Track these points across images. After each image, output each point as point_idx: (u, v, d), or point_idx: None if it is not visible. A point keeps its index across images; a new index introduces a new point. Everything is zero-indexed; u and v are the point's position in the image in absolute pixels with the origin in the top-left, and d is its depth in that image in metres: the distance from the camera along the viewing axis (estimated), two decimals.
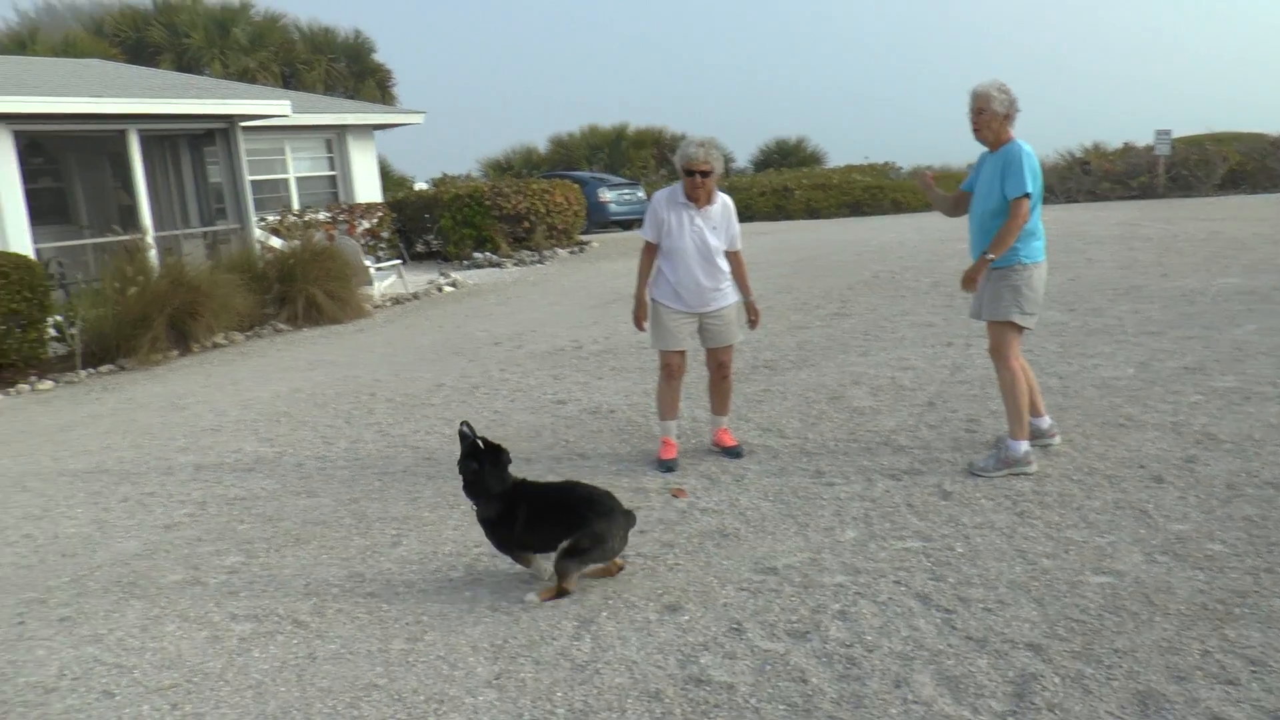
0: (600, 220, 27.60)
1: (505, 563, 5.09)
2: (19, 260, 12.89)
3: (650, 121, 49.72)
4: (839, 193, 30.02)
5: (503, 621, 4.45)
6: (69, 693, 4.25)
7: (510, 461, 4.92)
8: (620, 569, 4.89)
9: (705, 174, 6.26)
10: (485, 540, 5.36)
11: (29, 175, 16.47)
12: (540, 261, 20.92)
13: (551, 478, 6.35)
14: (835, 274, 14.63)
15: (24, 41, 35.12)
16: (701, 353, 6.83)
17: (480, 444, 4.84)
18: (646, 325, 6.66)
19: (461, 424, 4.94)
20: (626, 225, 28.29)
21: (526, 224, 21.97)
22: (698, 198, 6.35)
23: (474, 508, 4.93)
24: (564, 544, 4.61)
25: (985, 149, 5.95)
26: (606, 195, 28.12)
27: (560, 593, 4.67)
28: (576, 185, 23.97)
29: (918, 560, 4.73)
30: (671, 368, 6.58)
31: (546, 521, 4.71)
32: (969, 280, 5.84)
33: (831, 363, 9.03)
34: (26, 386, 12.35)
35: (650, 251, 6.56)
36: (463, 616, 4.55)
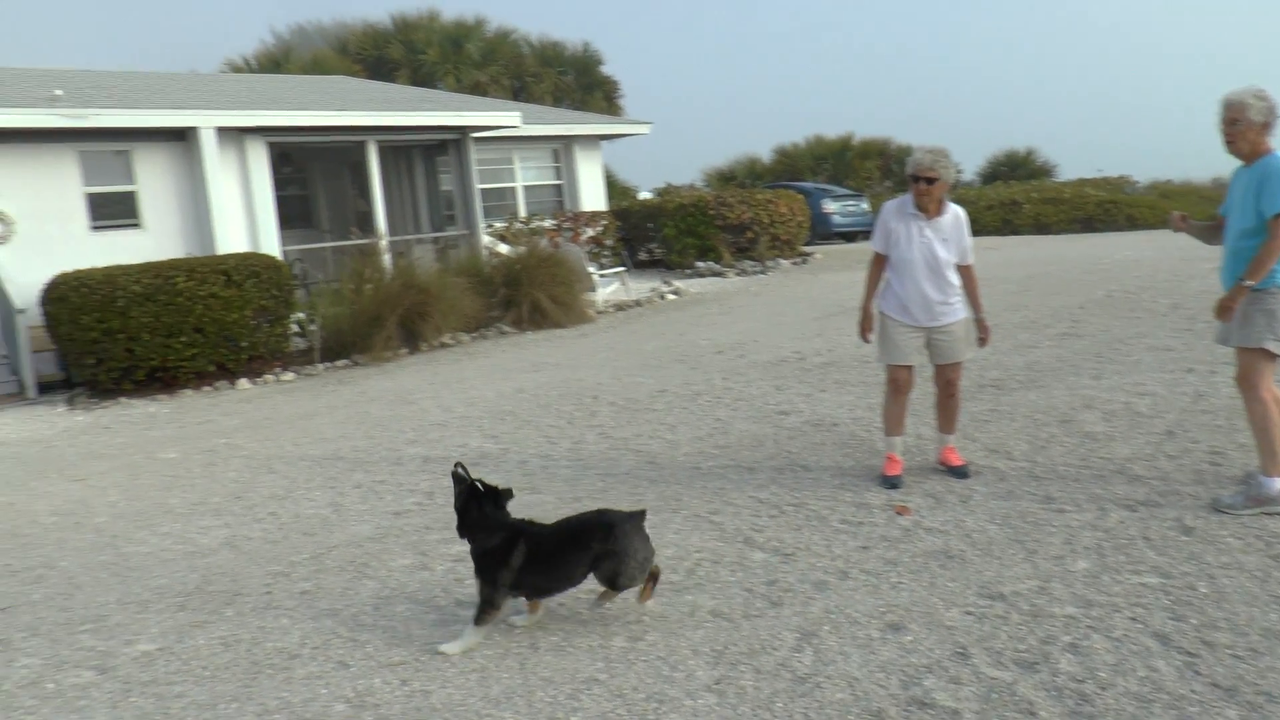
0: (823, 232, 27.35)
1: (726, 569, 5.07)
2: (269, 261, 13.73)
3: (876, 132, 49.08)
4: (1070, 207, 28.85)
5: (723, 628, 4.43)
6: (309, 660, 4.49)
7: (510, 500, 4.73)
8: (657, 576, 4.71)
9: (931, 181, 6.08)
10: (705, 545, 5.37)
11: (278, 183, 17.56)
12: (763, 272, 20.88)
13: (773, 488, 6.32)
14: (1065, 292, 14.04)
15: (278, 61, 37.51)
16: (928, 369, 6.65)
17: (478, 486, 4.67)
18: (872, 338, 6.53)
19: (456, 465, 4.81)
20: (850, 237, 27.95)
21: (750, 234, 21.96)
22: (926, 208, 6.19)
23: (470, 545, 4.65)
24: (596, 577, 4.50)
25: (1239, 163, 5.51)
26: (830, 206, 27.83)
27: (654, 579, 4.62)
28: (800, 196, 23.82)
29: (1155, 598, 4.46)
30: (898, 383, 6.44)
31: (548, 554, 4.51)
32: (1224, 309, 5.41)
33: (1061, 384, 8.65)
34: (271, 377, 13.14)
35: (878, 263, 6.44)
36: (683, 620, 4.55)
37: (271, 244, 16.91)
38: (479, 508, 4.58)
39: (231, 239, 16.46)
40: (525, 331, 15.10)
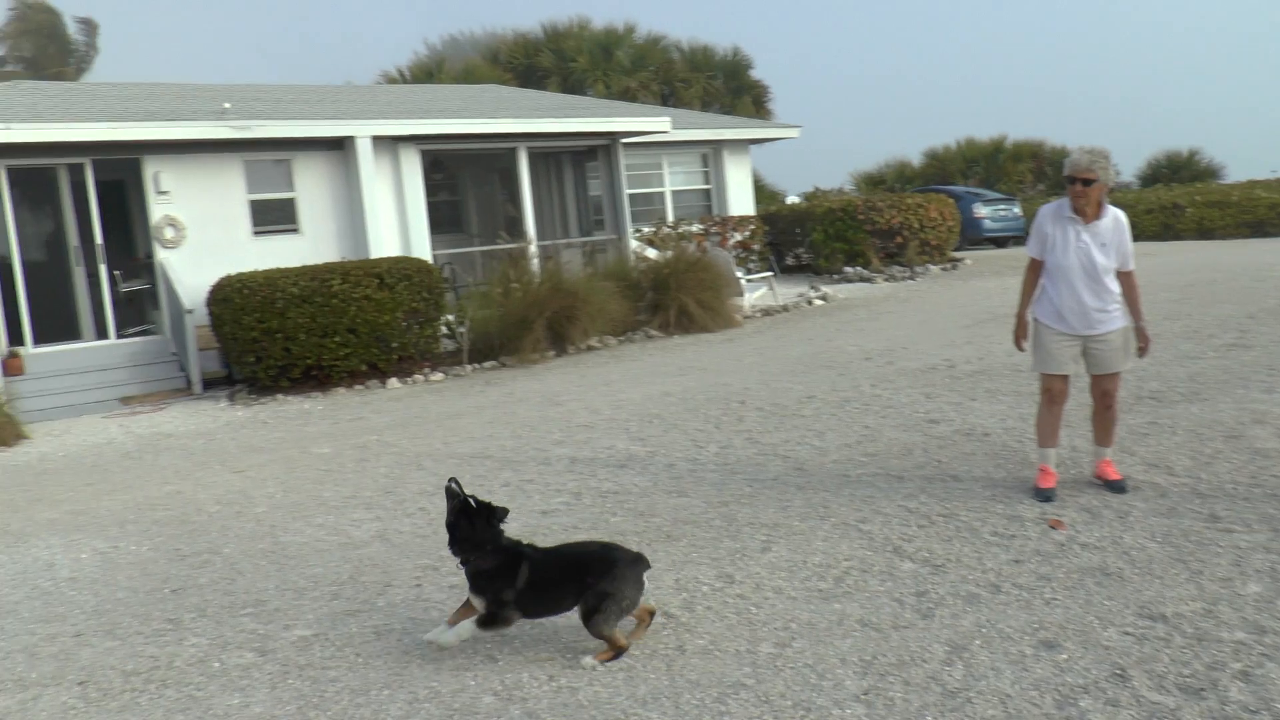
0: (974, 236, 26.72)
1: (874, 578, 5.00)
2: (420, 264, 14.10)
3: (1030, 133, 47.71)
4: (1238, 210, 27.49)
5: (872, 638, 4.36)
6: (457, 653, 4.58)
7: (504, 519, 4.64)
8: (653, 615, 4.62)
9: (1088, 182, 5.87)
10: (853, 554, 5.30)
11: (430, 189, 18.02)
12: (911, 277, 20.53)
13: (923, 498, 6.20)
14: (1232, 300, 13.43)
15: (431, 72, 38.48)
16: (1084, 379, 6.42)
17: (471, 502, 4.59)
18: (1026, 346, 6.35)
19: (450, 480, 4.70)
20: (1001, 242, 27.24)
21: (899, 239, 21.63)
22: (1084, 211, 5.97)
23: (461, 566, 4.62)
24: (578, 610, 4.41)
25: None
26: (981, 211, 27.17)
27: (616, 650, 4.39)
28: (951, 200, 23.34)
29: None
30: (1052, 393, 6.24)
31: (551, 583, 4.50)
32: None
33: (1228, 398, 8.26)
34: (421, 377, 13.48)
35: (1034, 268, 6.26)
36: (831, 628, 4.49)
37: (423, 248, 17.34)
38: (470, 525, 4.52)
39: (384, 243, 16.94)
40: (672, 336, 15.15)
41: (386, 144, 17.23)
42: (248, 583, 5.90)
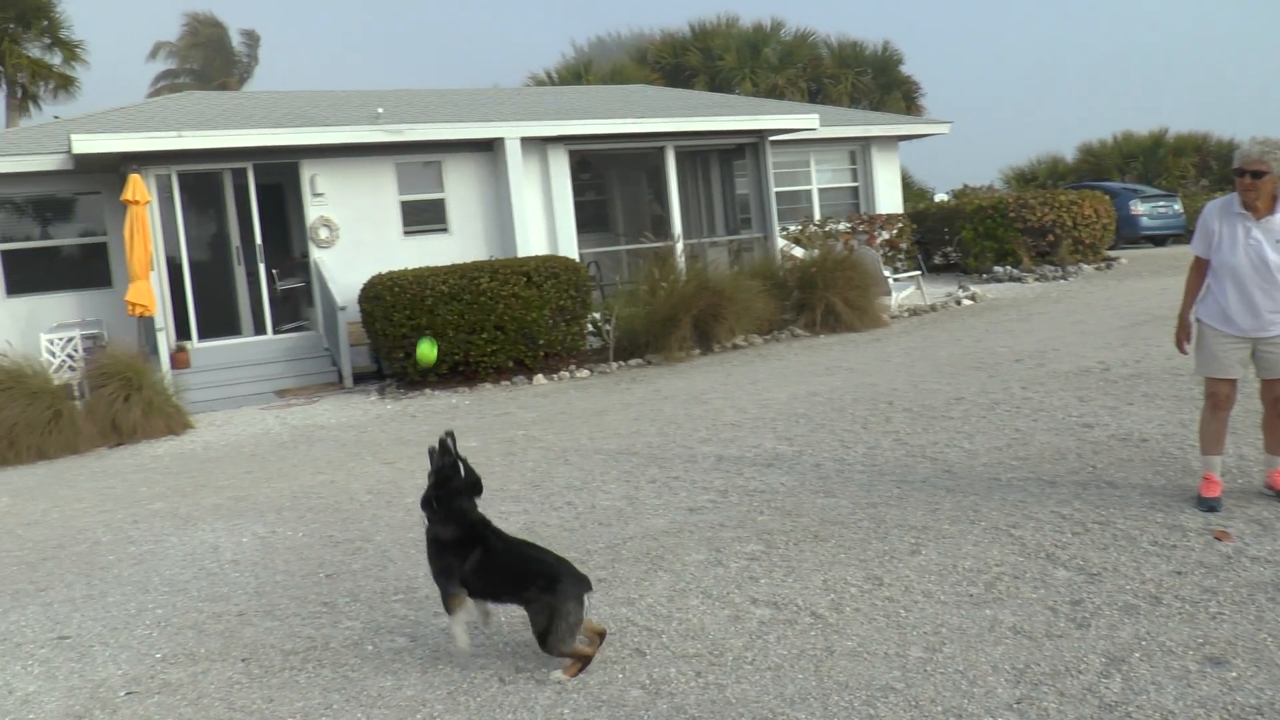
0: (1130, 235, 25.73)
1: (1027, 585, 4.87)
2: (567, 263, 14.27)
3: (1193, 126, 45.70)
4: None
5: (1025, 646, 4.25)
6: (606, 646, 4.62)
7: (480, 494, 4.65)
8: (603, 637, 4.56)
9: (1259, 175, 5.58)
10: (1005, 559, 5.18)
11: (577, 189, 18.24)
12: (1063, 277, 19.92)
13: (1076, 504, 6.02)
14: None
15: (579, 73, 38.93)
16: (1252, 382, 6.13)
17: (461, 468, 4.55)
18: (1188, 349, 6.10)
19: (446, 433, 4.69)
20: (1159, 241, 26.19)
21: (1051, 237, 21.00)
22: (1255, 206, 5.69)
23: (427, 521, 4.64)
24: (533, 632, 4.39)
25: None
26: (1139, 208, 26.14)
27: (583, 661, 4.38)
28: (1106, 197, 22.54)
29: None
30: (1218, 397, 5.97)
31: (497, 570, 4.48)
32: None
33: None
34: (567, 374, 13.65)
35: (1199, 267, 6.00)
36: (982, 634, 4.40)
37: (570, 247, 17.56)
38: (450, 490, 4.55)
39: (532, 242, 17.21)
40: (818, 335, 15.02)
41: (535, 145, 17.50)
42: (398, 570, 6.06)
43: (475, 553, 4.55)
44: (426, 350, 3.98)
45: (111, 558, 7.07)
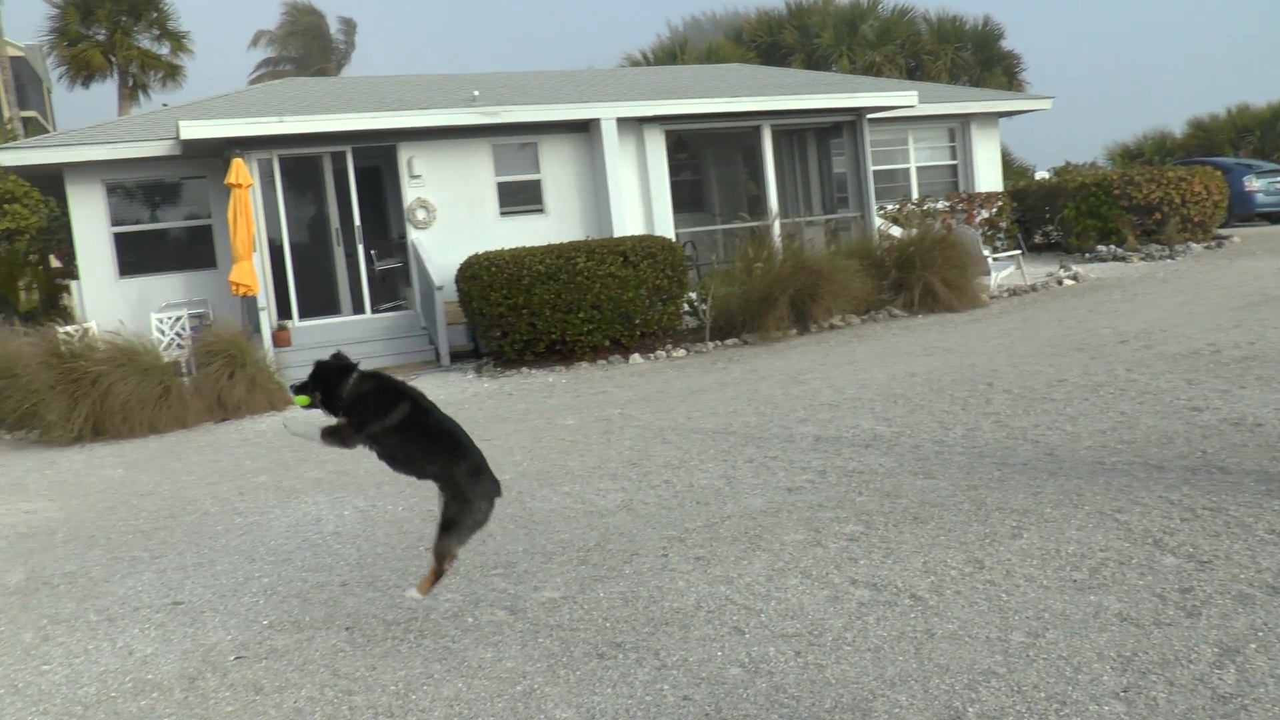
0: (1243, 212, 24.82)
1: (1133, 571, 4.75)
2: (664, 243, 14.27)
3: None
4: None
5: (1131, 633, 4.15)
6: (704, 623, 4.63)
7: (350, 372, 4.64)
8: (453, 562, 4.69)
9: None
10: (1110, 545, 5.08)
11: (672, 169, 18.21)
12: (1170, 256, 19.36)
13: (1185, 489, 5.86)
14: None
15: (674, 53, 38.84)
16: None
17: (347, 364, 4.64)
18: None
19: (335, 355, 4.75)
20: (1275, 219, 25.26)
21: (1157, 215, 20.42)
22: None
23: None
24: (439, 513, 4.48)
25: None
26: (1254, 184, 25.17)
27: (438, 575, 4.57)
28: (1218, 173, 21.79)
29: None
30: None
31: (432, 428, 4.58)
32: None
33: None
34: (663, 353, 13.67)
35: None
36: (1087, 620, 4.30)
37: (666, 227, 17.56)
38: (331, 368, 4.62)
39: (627, 222, 17.24)
40: (916, 315, 14.83)
41: (631, 125, 17.51)
42: (497, 545, 6.13)
43: (403, 404, 4.59)
44: (302, 401, 4.20)
45: (219, 528, 7.28)
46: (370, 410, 4.57)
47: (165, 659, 4.90)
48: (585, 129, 17.46)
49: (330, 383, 4.60)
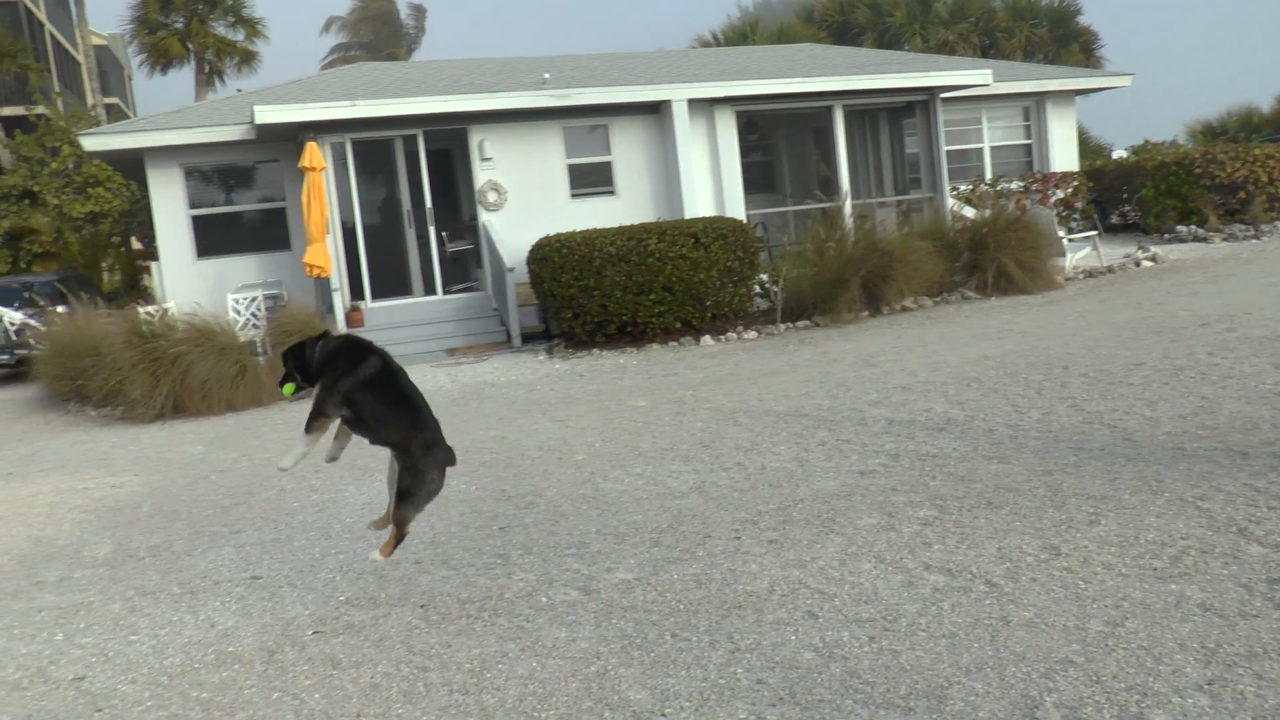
0: None
1: (1216, 560, 4.65)
2: (735, 224, 14.22)
3: None
4: None
5: (1215, 624, 4.07)
6: (778, 607, 4.62)
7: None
8: (400, 540, 4.68)
9: None
10: (1191, 533, 4.98)
11: (743, 150, 18.12)
12: (1255, 237, 18.89)
13: (1272, 476, 5.72)
14: None
15: (745, 33, 38.64)
16: None
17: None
18: None
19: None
20: None
21: (1242, 194, 19.91)
22: None
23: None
24: (398, 481, 4.53)
25: None
26: None
27: (398, 540, 4.64)
28: None
29: None
30: None
31: (398, 390, 4.58)
32: None
33: None
34: (734, 335, 13.64)
35: None
36: (1168, 610, 4.23)
37: (737, 208, 17.50)
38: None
39: (698, 204, 17.21)
40: (989, 297, 14.64)
41: (702, 106, 17.45)
42: (570, 525, 6.17)
43: (372, 359, 4.58)
44: (289, 389, 4.26)
45: (296, 504, 7.40)
46: (341, 366, 4.57)
47: (245, 632, 5.00)
48: (656, 110, 17.44)
49: (301, 356, 4.65)
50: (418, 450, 4.55)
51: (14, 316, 17.54)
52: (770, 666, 4.05)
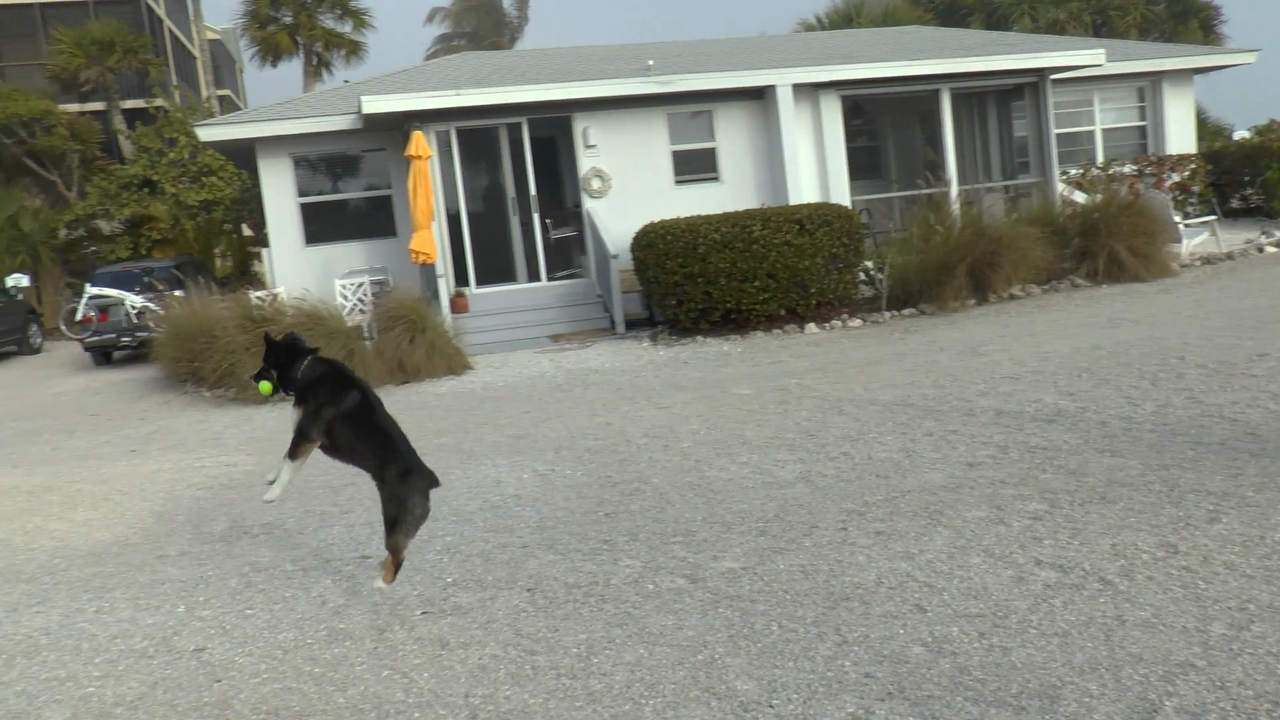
0: None
1: None
2: (840, 210, 14.06)
3: None
4: None
5: None
6: (886, 600, 4.58)
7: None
8: (398, 567, 5.02)
9: None
10: None
11: (848, 135, 17.90)
12: None
13: None
14: None
15: (850, 16, 38.09)
16: None
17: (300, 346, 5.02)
18: None
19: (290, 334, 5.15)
20: None
21: None
22: None
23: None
24: (383, 515, 4.86)
25: None
26: None
27: (397, 566, 4.98)
28: None
29: None
30: None
31: (375, 423, 4.92)
32: None
33: None
34: (838, 322, 13.52)
35: None
36: None
37: (841, 194, 17.31)
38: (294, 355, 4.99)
39: (803, 190, 17.07)
40: (1100, 285, 14.28)
41: (806, 91, 17.29)
42: (676, 513, 6.18)
43: (353, 393, 4.91)
44: (265, 388, 4.48)
45: None
46: (324, 395, 4.90)
47: (355, 610, 5.11)
48: (760, 96, 17.33)
49: (282, 360, 4.97)
50: (394, 478, 4.85)
51: (135, 301, 18.17)
52: (878, 660, 4.02)
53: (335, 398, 4.90)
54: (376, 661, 4.50)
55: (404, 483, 4.84)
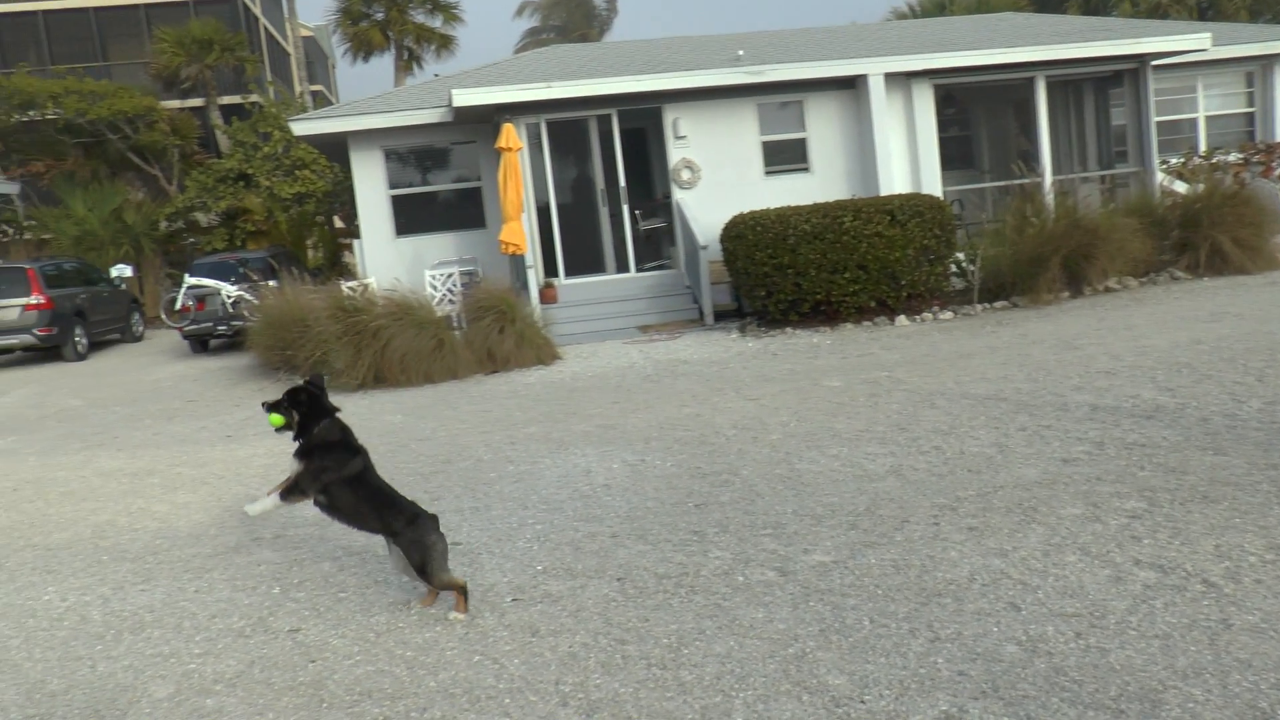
0: None
1: None
2: (932, 201, 13.86)
3: None
4: None
5: None
6: (979, 597, 4.51)
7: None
8: (464, 593, 4.99)
9: None
10: None
11: (940, 125, 17.63)
12: None
13: None
14: None
15: (943, 4, 37.50)
16: None
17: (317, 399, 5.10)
18: None
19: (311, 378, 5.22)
20: None
21: None
22: None
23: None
24: (413, 566, 4.96)
25: None
26: None
27: (463, 590, 4.98)
28: None
29: None
30: None
31: (374, 487, 5.07)
32: None
33: None
34: (929, 315, 13.34)
35: None
36: None
37: (933, 184, 17.07)
38: (315, 395, 5.11)
39: (894, 180, 16.85)
40: (1201, 278, 13.90)
41: (898, 80, 17.06)
42: (766, 505, 6.16)
43: (357, 459, 5.09)
44: (276, 420, 4.59)
45: (493, 475, 7.60)
46: (330, 460, 5.04)
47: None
48: (851, 86, 17.14)
49: (305, 413, 5.11)
50: (404, 527, 4.96)
51: (230, 290, 18.59)
52: (972, 658, 3.96)
53: (340, 465, 5.07)
54: (467, 647, 4.56)
55: (414, 527, 4.95)
